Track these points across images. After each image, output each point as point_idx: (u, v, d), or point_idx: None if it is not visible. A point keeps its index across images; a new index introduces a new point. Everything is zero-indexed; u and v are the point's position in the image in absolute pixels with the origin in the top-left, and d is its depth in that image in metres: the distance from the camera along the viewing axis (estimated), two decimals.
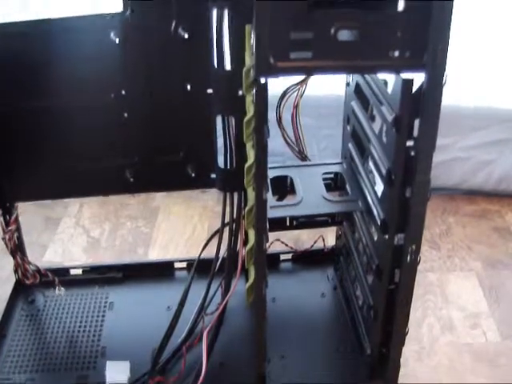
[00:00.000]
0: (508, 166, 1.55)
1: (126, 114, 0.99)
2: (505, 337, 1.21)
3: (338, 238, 1.23)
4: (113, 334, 1.12)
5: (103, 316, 1.16)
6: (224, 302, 1.03)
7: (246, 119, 0.85)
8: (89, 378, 1.03)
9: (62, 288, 1.17)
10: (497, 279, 1.34)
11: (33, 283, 1.17)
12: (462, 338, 1.20)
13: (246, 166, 0.87)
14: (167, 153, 1.02)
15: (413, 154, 0.80)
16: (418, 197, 0.81)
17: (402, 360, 0.99)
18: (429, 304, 1.27)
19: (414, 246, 0.86)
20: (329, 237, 1.24)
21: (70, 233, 1.49)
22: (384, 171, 0.86)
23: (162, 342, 1.03)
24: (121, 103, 0.98)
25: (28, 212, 1.21)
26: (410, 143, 0.80)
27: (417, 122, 0.77)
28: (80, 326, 1.13)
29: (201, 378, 0.96)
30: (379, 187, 0.91)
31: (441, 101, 0.75)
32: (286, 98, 0.98)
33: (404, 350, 0.97)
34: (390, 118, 0.81)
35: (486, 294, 1.31)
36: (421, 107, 0.76)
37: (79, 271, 1.25)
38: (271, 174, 0.94)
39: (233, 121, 0.94)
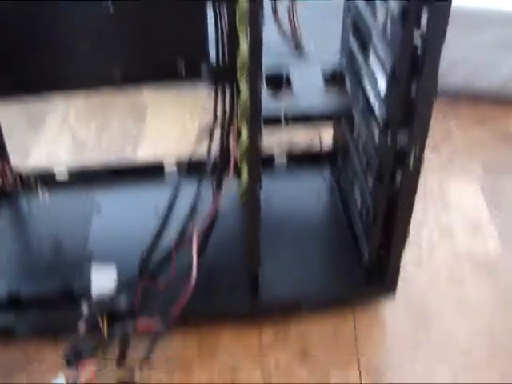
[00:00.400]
0: None
1: (111, 6, 0.93)
2: (505, 244, 1.18)
3: (335, 137, 1.18)
4: (100, 239, 1.09)
5: (90, 220, 1.12)
6: (216, 203, 0.99)
7: (239, 6, 0.80)
8: (75, 284, 1.00)
9: (47, 193, 1.14)
10: (498, 184, 1.31)
11: (15, 188, 1.13)
12: (462, 245, 1.18)
13: (239, 56, 0.82)
14: (156, 45, 0.96)
15: (419, 48, 0.74)
16: (425, 95, 0.77)
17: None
18: (428, 209, 1.24)
19: (417, 148, 0.82)
20: (325, 136, 1.20)
21: (56, 134, 1.43)
22: (388, 67, 0.80)
23: (151, 245, 0.99)
24: None
25: (11, 112, 1.17)
26: (417, 36, 0.74)
27: (425, 15, 0.72)
28: (65, 232, 1.10)
29: (191, 281, 0.93)
30: (382, 84, 0.85)
31: None
32: None
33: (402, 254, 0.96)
34: (396, 7, 0.75)
35: (487, 199, 1.28)
36: None
37: (65, 174, 1.20)
38: (266, 68, 0.89)
39: (225, 9, 0.88)
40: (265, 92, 0.87)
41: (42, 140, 1.41)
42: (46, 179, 1.18)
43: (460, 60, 1.49)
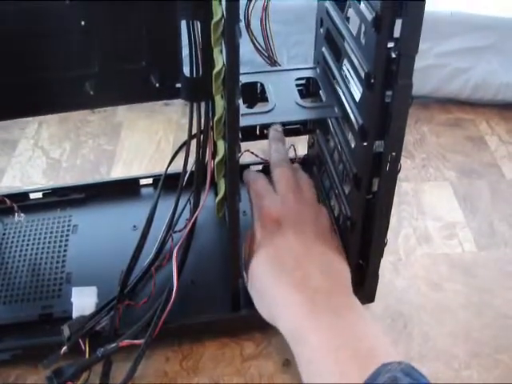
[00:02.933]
0: (484, 74, 1.51)
1: (83, 22, 0.92)
2: (481, 247, 1.19)
3: (310, 146, 1.18)
4: (78, 259, 1.07)
5: (67, 240, 1.10)
6: (193, 218, 0.99)
7: (213, 21, 0.80)
8: (54, 307, 0.99)
9: (22, 214, 1.12)
10: (472, 189, 1.32)
11: None
12: (439, 250, 1.18)
13: (215, 71, 0.82)
14: (129, 62, 0.95)
15: (394, 55, 0.75)
16: (400, 101, 0.77)
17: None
18: (404, 214, 1.25)
19: (393, 154, 0.82)
20: (299, 147, 1.20)
21: (29, 155, 1.41)
22: (363, 74, 0.80)
23: (130, 263, 0.98)
24: (77, 9, 0.91)
25: None
26: (390, 44, 0.75)
27: (398, 22, 0.72)
28: (43, 253, 1.08)
29: (172, 298, 0.92)
30: (357, 92, 0.86)
31: None
32: (253, 1, 0.93)
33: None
34: (369, 17, 0.75)
35: (462, 204, 1.28)
36: (404, 4, 0.70)
37: (39, 195, 1.19)
38: (240, 80, 0.89)
39: (198, 25, 0.88)
40: (240, 105, 0.87)
41: (14, 163, 1.40)
42: (21, 200, 1.16)
43: (432, 65, 1.50)
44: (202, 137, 0.96)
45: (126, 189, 1.20)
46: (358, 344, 0.79)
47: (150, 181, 1.21)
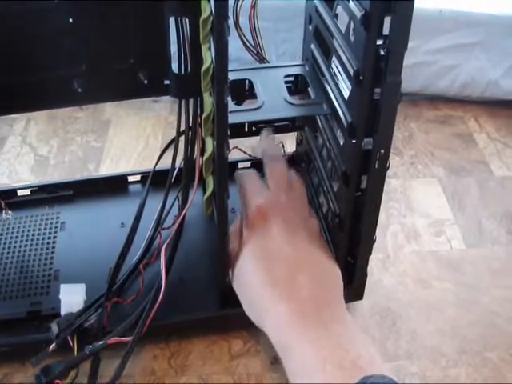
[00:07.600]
0: (473, 71, 1.52)
1: (71, 19, 0.92)
2: (469, 244, 1.19)
3: (298, 143, 1.19)
4: (66, 256, 1.07)
5: (55, 238, 1.10)
6: (182, 215, 0.99)
7: (202, 18, 0.79)
8: (43, 304, 0.98)
9: (10, 211, 1.11)
10: (460, 186, 1.32)
11: None
12: (427, 246, 1.19)
13: (203, 68, 0.82)
14: (117, 59, 0.95)
15: (383, 52, 0.74)
16: (389, 98, 0.77)
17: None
18: (392, 211, 1.25)
19: (382, 151, 0.82)
20: (287, 143, 1.20)
21: (17, 152, 1.41)
22: (352, 71, 0.80)
23: (118, 260, 0.97)
24: (65, 7, 0.90)
25: None
26: (379, 41, 0.75)
27: (387, 19, 0.72)
28: (31, 250, 1.07)
29: (160, 295, 0.92)
30: (346, 89, 0.86)
31: None
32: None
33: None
34: (358, 14, 0.75)
35: (450, 200, 1.28)
36: (393, 1, 0.70)
37: (27, 192, 1.18)
38: (229, 77, 0.89)
39: (187, 22, 0.88)
40: (229, 102, 0.87)
41: (2, 160, 1.39)
42: (9, 197, 1.15)
43: (420, 63, 1.51)
44: (190, 134, 0.96)
45: (114, 186, 1.20)
46: (345, 355, 0.79)
47: (138, 178, 1.20)
